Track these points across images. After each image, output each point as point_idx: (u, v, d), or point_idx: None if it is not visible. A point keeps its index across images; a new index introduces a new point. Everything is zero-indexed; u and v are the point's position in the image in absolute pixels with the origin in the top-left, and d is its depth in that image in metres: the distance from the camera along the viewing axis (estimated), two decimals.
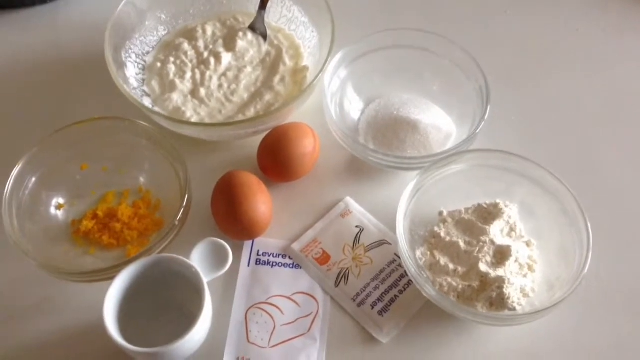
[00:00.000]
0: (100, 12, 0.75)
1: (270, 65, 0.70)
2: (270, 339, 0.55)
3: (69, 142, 0.61)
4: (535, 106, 0.72)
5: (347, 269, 0.60)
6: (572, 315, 0.57)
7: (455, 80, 0.67)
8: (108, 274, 0.54)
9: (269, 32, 0.72)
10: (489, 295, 0.55)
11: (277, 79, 0.69)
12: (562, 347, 0.56)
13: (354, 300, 0.58)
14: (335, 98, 0.67)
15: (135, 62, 0.69)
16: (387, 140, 0.66)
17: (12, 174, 0.58)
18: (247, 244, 0.61)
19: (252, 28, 0.72)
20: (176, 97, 0.67)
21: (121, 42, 0.68)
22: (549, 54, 0.76)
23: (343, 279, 0.59)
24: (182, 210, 0.57)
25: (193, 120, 0.66)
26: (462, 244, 0.58)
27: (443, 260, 0.58)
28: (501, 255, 0.57)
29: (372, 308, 0.57)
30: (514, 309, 0.54)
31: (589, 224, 0.56)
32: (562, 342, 0.57)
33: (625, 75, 0.74)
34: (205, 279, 0.52)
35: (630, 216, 0.64)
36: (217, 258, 0.55)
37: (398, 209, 0.57)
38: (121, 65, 0.66)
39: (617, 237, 0.62)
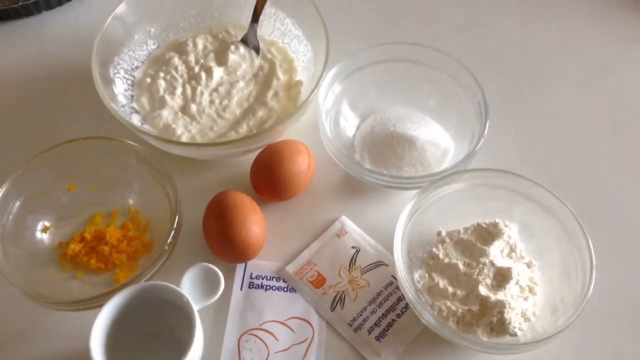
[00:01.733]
0: (88, 26, 0.74)
1: (264, 79, 0.69)
2: None
3: (55, 163, 0.59)
4: (534, 121, 0.70)
5: (343, 292, 0.58)
6: (574, 338, 0.55)
7: (452, 94, 0.65)
8: (95, 303, 0.52)
9: (261, 45, 0.70)
10: (490, 320, 0.53)
11: (270, 94, 0.67)
12: None
13: (351, 325, 0.56)
14: (330, 114, 0.65)
15: (124, 77, 0.67)
16: (384, 157, 0.64)
17: None
18: (240, 266, 0.59)
19: (244, 41, 0.70)
20: (166, 114, 0.65)
21: (109, 57, 0.66)
22: (548, 67, 0.74)
23: (339, 302, 0.57)
24: (172, 234, 0.55)
25: (184, 137, 0.64)
26: (461, 266, 0.57)
27: (442, 283, 0.56)
28: (501, 277, 0.55)
29: (369, 333, 0.56)
30: (515, 334, 0.53)
31: (590, 244, 0.54)
32: None
33: (626, 89, 0.73)
34: (196, 307, 0.51)
35: (634, 234, 0.62)
36: (208, 284, 0.53)
37: (395, 232, 0.55)
38: (109, 82, 0.65)
39: (620, 257, 0.60)
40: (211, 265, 0.53)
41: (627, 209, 0.64)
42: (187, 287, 0.52)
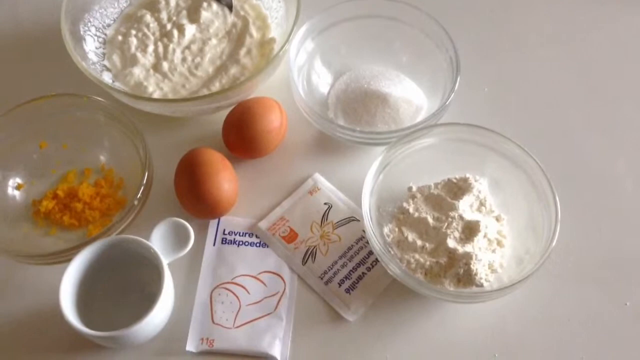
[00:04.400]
0: None
1: (237, 37, 0.68)
2: (235, 319, 0.54)
3: (25, 120, 0.59)
4: (508, 77, 0.70)
5: (315, 246, 0.59)
6: (541, 290, 0.57)
7: (425, 50, 0.65)
8: (66, 256, 0.52)
9: (234, 2, 0.69)
10: (457, 272, 0.54)
11: (243, 51, 0.67)
12: (530, 322, 0.56)
13: (321, 279, 0.57)
14: (302, 72, 0.65)
15: (95, 35, 0.66)
16: (357, 115, 0.64)
17: None
18: (213, 222, 0.60)
19: None
20: (138, 72, 0.65)
21: (79, 14, 0.65)
22: (523, 24, 0.74)
23: (310, 257, 0.58)
24: (141, 189, 0.55)
25: (156, 95, 0.63)
26: (430, 220, 0.57)
27: (411, 237, 0.57)
28: (470, 230, 0.56)
29: (340, 286, 0.57)
30: (481, 285, 0.54)
31: (557, 197, 0.55)
32: (530, 318, 0.56)
33: (599, 47, 0.73)
34: (165, 260, 0.51)
35: (599, 189, 0.63)
36: (178, 238, 0.53)
37: (364, 186, 0.56)
38: (79, 40, 0.64)
39: (585, 210, 0.61)
40: (180, 220, 0.54)
41: (594, 165, 0.64)
42: (157, 240, 0.52)
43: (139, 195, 0.55)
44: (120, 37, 0.67)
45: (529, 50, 0.72)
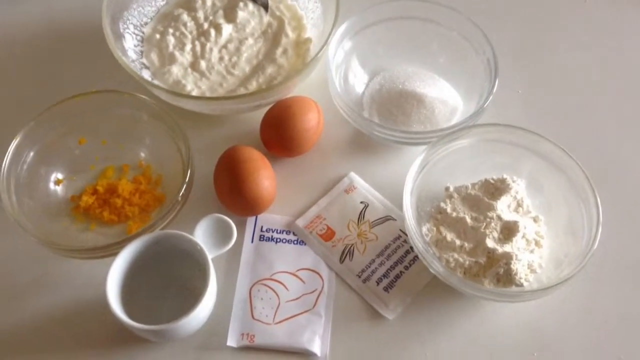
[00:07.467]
0: None
1: (272, 37, 0.69)
2: (275, 315, 0.55)
3: (67, 115, 0.60)
4: (543, 79, 0.70)
5: (352, 245, 0.59)
6: (579, 291, 0.57)
7: (462, 52, 0.65)
8: (110, 251, 0.53)
9: (270, 2, 0.70)
10: (496, 271, 0.54)
11: (279, 51, 0.67)
12: (568, 322, 0.56)
13: (359, 277, 0.57)
14: (339, 71, 0.65)
15: (134, 33, 0.67)
16: (392, 115, 0.64)
17: (9, 148, 0.57)
18: (251, 220, 0.60)
19: None
20: (176, 70, 0.65)
21: (119, 12, 0.66)
22: (557, 25, 0.74)
23: (348, 255, 0.58)
24: (184, 186, 0.56)
25: (194, 93, 0.64)
26: (468, 220, 0.58)
27: (449, 236, 0.57)
28: (508, 230, 0.56)
29: (378, 284, 0.57)
30: (522, 285, 0.54)
31: (598, 199, 0.55)
32: (568, 318, 0.56)
33: (634, 48, 0.73)
34: (209, 256, 0.52)
35: (636, 191, 0.63)
36: (221, 234, 0.54)
37: (405, 185, 0.56)
38: (119, 37, 0.65)
39: (626, 212, 0.61)
40: (223, 216, 0.54)
41: (635, 167, 0.64)
42: (200, 236, 0.53)
43: (182, 192, 0.55)
44: (157, 36, 0.68)
45: (564, 52, 0.72)
